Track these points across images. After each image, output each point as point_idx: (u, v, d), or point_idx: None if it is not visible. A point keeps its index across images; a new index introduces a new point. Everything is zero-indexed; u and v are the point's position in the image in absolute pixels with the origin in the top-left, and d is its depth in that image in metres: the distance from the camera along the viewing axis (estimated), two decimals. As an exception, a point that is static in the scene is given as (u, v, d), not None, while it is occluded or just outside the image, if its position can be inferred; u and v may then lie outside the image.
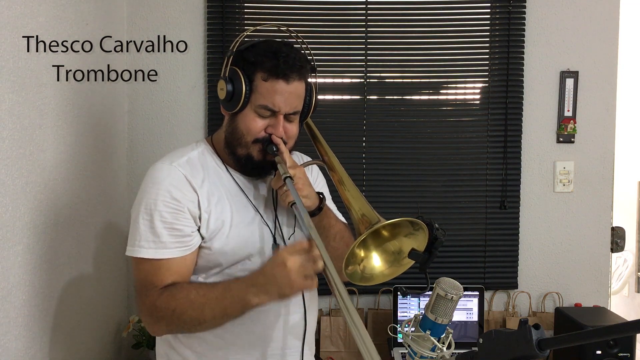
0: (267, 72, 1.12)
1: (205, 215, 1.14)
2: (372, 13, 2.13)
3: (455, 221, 2.16)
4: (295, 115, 1.18)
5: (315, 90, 1.24)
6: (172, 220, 1.11)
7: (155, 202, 1.11)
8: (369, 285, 1.13)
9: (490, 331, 0.83)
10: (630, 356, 1.78)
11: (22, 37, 1.30)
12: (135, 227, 1.13)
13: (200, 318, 1.08)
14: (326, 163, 1.26)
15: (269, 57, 1.11)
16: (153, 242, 1.11)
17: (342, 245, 1.23)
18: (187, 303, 1.08)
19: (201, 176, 1.16)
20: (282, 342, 1.21)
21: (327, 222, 1.22)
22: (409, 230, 1.08)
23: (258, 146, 1.16)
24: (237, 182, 1.21)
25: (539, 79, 2.15)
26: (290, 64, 1.12)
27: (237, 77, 1.13)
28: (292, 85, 1.13)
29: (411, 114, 2.17)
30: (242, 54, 1.15)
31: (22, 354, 1.31)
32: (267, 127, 1.15)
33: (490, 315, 2.14)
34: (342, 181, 1.19)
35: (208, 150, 1.23)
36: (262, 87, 1.12)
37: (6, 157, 1.23)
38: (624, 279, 3.59)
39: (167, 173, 1.14)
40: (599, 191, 2.18)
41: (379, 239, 1.12)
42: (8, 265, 1.25)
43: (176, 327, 1.13)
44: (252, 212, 1.20)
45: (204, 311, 1.07)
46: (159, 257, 1.11)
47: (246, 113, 1.15)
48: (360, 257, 1.11)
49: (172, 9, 2.10)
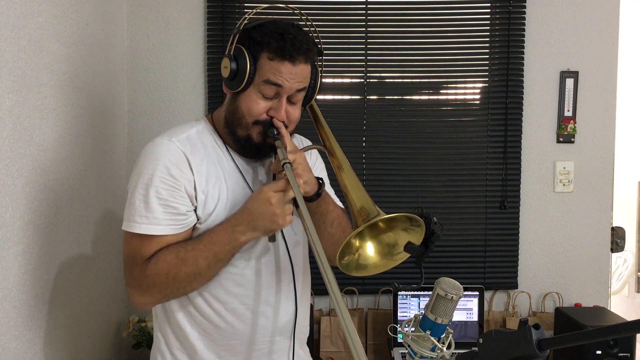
0: (272, 52, 1.10)
1: (201, 196, 1.13)
2: (372, 13, 2.14)
3: (455, 221, 2.16)
4: (298, 96, 1.16)
5: (321, 74, 1.22)
6: (167, 197, 1.10)
7: (152, 178, 1.10)
8: (362, 275, 1.11)
9: (490, 331, 0.83)
10: (630, 356, 1.78)
11: (22, 37, 1.30)
12: (130, 202, 1.12)
13: (195, 271, 1.09)
14: (327, 148, 1.23)
15: (276, 38, 1.09)
16: (146, 218, 1.10)
17: (339, 231, 1.22)
18: (178, 261, 1.08)
19: (200, 155, 1.15)
20: (270, 338, 1.21)
21: (325, 208, 1.21)
22: (407, 225, 1.07)
23: (258, 128, 1.14)
24: (236, 163, 1.20)
25: (539, 79, 2.16)
26: (297, 46, 1.09)
27: (242, 55, 1.11)
28: (298, 67, 1.11)
29: (411, 114, 2.17)
30: (248, 32, 1.13)
31: (22, 354, 1.31)
32: (269, 109, 1.14)
33: (490, 315, 2.14)
34: (342, 168, 1.17)
35: (208, 129, 1.21)
36: (267, 66, 1.10)
37: (6, 157, 1.23)
38: (624, 279, 3.59)
39: (167, 148, 1.12)
40: (599, 191, 2.18)
41: (376, 229, 1.10)
42: (8, 265, 1.25)
43: (171, 290, 1.12)
44: (249, 194, 1.17)
45: (197, 263, 1.08)
46: (151, 233, 1.10)
47: (248, 93, 1.13)
48: (356, 247, 1.09)
49: (172, 9, 2.10)
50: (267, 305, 1.19)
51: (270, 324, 1.20)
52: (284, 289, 1.22)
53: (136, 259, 1.11)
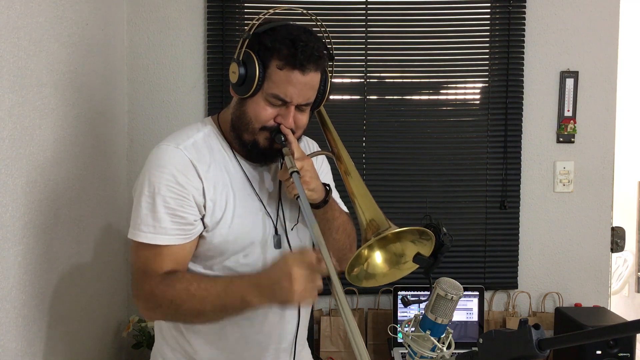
0: (283, 60, 1.07)
1: (210, 204, 1.11)
2: (372, 13, 2.14)
3: (455, 221, 2.16)
4: (307, 106, 1.14)
5: (330, 79, 1.19)
6: (175, 206, 1.08)
7: (159, 186, 1.08)
8: (369, 286, 1.12)
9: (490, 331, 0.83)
10: (630, 356, 1.78)
11: (22, 37, 1.30)
12: (137, 210, 1.10)
13: (199, 310, 1.06)
14: (335, 154, 1.22)
15: (287, 45, 1.06)
16: (153, 227, 1.08)
17: (344, 237, 1.21)
18: (186, 295, 1.05)
19: (207, 161, 1.13)
20: (274, 339, 1.21)
21: (332, 214, 1.19)
22: (416, 237, 1.06)
23: (265, 134, 1.12)
24: (243, 169, 1.18)
25: (539, 79, 2.15)
26: (308, 54, 1.06)
27: (251, 61, 1.08)
28: (308, 77, 1.09)
29: (411, 114, 2.17)
30: (259, 37, 1.09)
31: (22, 354, 1.31)
32: (277, 116, 1.11)
33: (490, 315, 2.14)
34: (350, 174, 1.16)
35: (214, 132, 1.18)
36: (276, 76, 1.08)
37: (6, 157, 1.23)
38: (624, 279, 3.59)
39: (173, 155, 1.10)
40: (599, 191, 2.18)
41: (384, 240, 1.10)
42: (8, 265, 1.25)
43: (173, 317, 1.11)
44: (256, 202, 1.17)
45: (204, 304, 1.05)
46: (158, 243, 1.08)
47: (256, 100, 1.10)
48: (365, 257, 1.10)
49: (172, 9, 2.10)
50: (270, 311, 1.18)
51: (274, 330, 1.20)
52: None
53: (147, 272, 1.09)
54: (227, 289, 1.05)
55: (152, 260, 1.09)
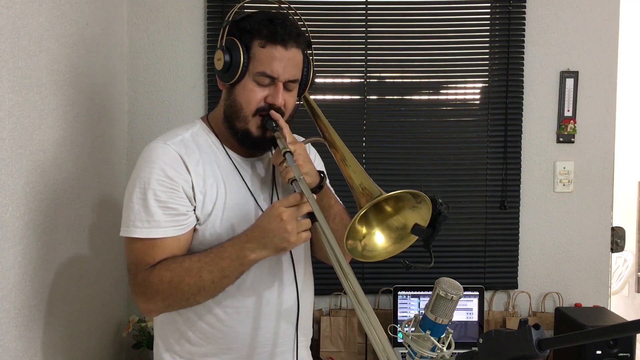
0: (264, 38, 1.11)
1: (200, 196, 1.13)
2: (372, 13, 2.14)
3: (455, 221, 2.16)
4: (294, 84, 1.16)
5: (312, 65, 1.23)
6: (166, 199, 1.10)
7: (149, 181, 1.09)
8: (371, 261, 1.10)
9: (490, 331, 0.83)
10: (630, 356, 1.78)
11: (22, 37, 1.30)
12: (129, 207, 1.11)
13: (198, 284, 1.06)
14: (327, 140, 1.22)
15: (266, 25, 1.11)
16: (147, 222, 1.09)
17: (341, 227, 1.21)
18: (182, 271, 1.06)
19: (196, 156, 1.15)
20: (274, 328, 1.20)
21: (327, 202, 1.20)
22: (412, 203, 1.06)
23: (257, 121, 1.14)
24: (233, 161, 1.19)
25: (539, 79, 2.16)
26: (288, 30, 1.11)
27: (234, 46, 1.12)
28: (291, 52, 1.12)
29: (411, 114, 2.17)
30: (238, 23, 1.14)
31: (22, 354, 1.31)
32: (267, 96, 1.14)
33: (490, 315, 2.14)
34: (344, 158, 1.16)
35: (204, 129, 1.21)
36: (260, 54, 1.11)
37: (6, 157, 1.23)
38: (624, 279, 3.59)
39: (162, 151, 1.12)
40: (599, 191, 2.18)
41: (382, 214, 1.09)
42: (8, 265, 1.25)
43: (174, 300, 1.10)
44: (247, 194, 1.18)
45: (202, 276, 1.06)
46: (153, 236, 1.09)
47: (244, 83, 1.13)
48: (362, 234, 1.08)
49: (172, 9, 2.10)
50: (268, 307, 1.19)
51: (272, 326, 1.20)
52: (285, 290, 1.21)
53: (140, 265, 1.10)
54: (221, 253, 1.06)
55: (147, 254, 1.10)
